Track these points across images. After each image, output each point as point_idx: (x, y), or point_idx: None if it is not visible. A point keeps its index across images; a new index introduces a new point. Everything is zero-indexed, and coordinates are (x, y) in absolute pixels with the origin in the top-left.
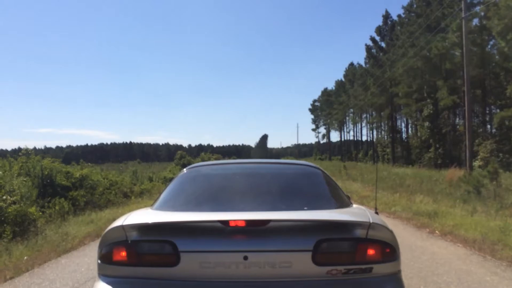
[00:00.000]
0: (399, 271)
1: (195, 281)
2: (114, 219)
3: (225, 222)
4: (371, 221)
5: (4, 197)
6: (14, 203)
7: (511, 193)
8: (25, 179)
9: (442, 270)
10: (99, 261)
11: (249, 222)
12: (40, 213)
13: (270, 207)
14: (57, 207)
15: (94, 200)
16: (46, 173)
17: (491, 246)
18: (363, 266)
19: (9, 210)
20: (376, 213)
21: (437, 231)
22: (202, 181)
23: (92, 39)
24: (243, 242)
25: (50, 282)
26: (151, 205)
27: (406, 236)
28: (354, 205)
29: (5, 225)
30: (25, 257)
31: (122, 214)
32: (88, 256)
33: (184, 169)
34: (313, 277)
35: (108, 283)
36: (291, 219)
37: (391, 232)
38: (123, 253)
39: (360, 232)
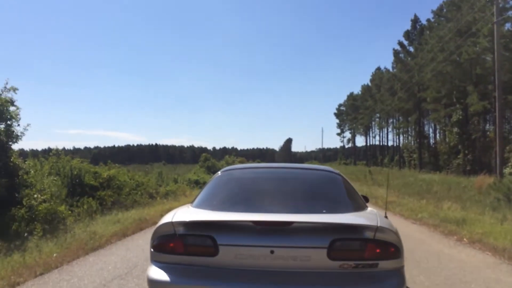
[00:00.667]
0: (402, 267)
1: (230, 269)
2: (140, 219)
3: (256, 222)
4: (378, 225)
5: (35, 196)
6: (44, 201)
7: None
8: (55, 179)
9: (470, 278)
10: (152, 250)
11: (276, 223)
12: (69, 212)
13: (294, 210)
14: (85, 206)
15: (120, 200)
16: (75, 173)
17: None
18: (370, 262)
19: (40, 208)
20: (386, 217)
21: (465, 239)
22: (235, 183)
23: (121, 44)
24: (271, 239)
25: (78, 279)
26: (191, 202)
27: (433, 243)
28: (368, 209)
29: (35, 222)
30: (55, 254)
31: (148, 214)
32: (115, 255)
33: (219, 172)
34: (327, 269)
35: (160, 267)
36: (311, 221)
37: (396, 234)
38: (172, 244)
39: (368, 234)
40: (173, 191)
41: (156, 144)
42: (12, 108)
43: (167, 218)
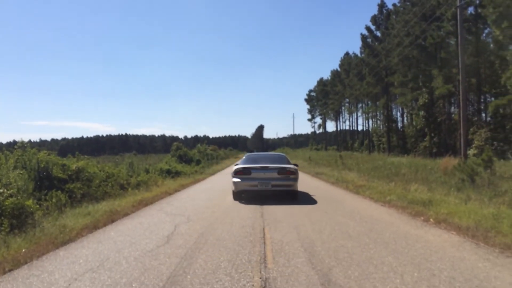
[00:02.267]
0: (297, 177)
1: (254, 178)
2: (111, 211)
3: (260, 166)
4: (291, 167)
5: (1, 190)
6: (11, 196)
7: (505, 181)
8: (21, 172)
9: (436, 257)
10: (233, 174)
11: (265, 167)
12: (37, 206)
13: (270, 163)
14: (54, 200)
15: (91, 192)
16: (42, 165)
17: (484, 233)
18: (288, 175)
19: (6, 203)
20: (296, 165)
21: (431, 219)
22: (251, 157)
23: (88, 31)
24: (264, 170)
25: (48, 274)
26: (238, 162)
27: (400, 225)
28: (292, 165)
29: (2, 218)
30: (23, 250)
31: (119, 206)
32: (86, 248)
33: (245, 156)
34: (277, 177)
35: (236, 178)
36: (274, 166)
37: (296, 169)
38: (239, 172)
39: (288, 169)
40: (144, 182)
41: (126, 134)
42: None
43: (237, 166)
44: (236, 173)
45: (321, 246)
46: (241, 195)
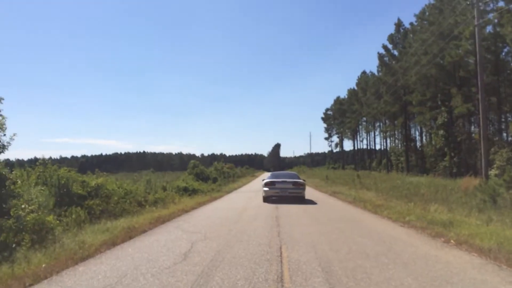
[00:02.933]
0: (305, 187)
1: (277, 188)
2: (129, 228)
3: (280, 180)
4: (301, 180)
5: (23, 206)
6: (32, 212)
7: None
8: (42, 188)
9: (457, 279)
10: (263, 184)
11: (284, 181)
12: (58, 222)
13: (287, 178)
14: (73, 216)
15: (109, 209)
16: (62, 182)
17: (507, 255)
18: (300, 186)
19: (28, 218)
20: (304, 180)
21: (452, 241)
22: (274, 174)
23: (108, 50)
24: (284, 183)
25: None
26: (265, 178)
27: (420, 245)
28: (301, 180)
29: (23, 233)
30: (44, 265)
31: (137, 222)
32: (104, 264)
33: (270, 173)
34: (292, 188)
35: (266, 187)
36: (290, 180)
37: (304, 182)
38: (268, 184)
39: (299, 181)
40: (162, 199)
41: (144, 152)
42: None
43: (266, 180)
44: (266, 185)
45: (338, 266)
46: (269, 199)
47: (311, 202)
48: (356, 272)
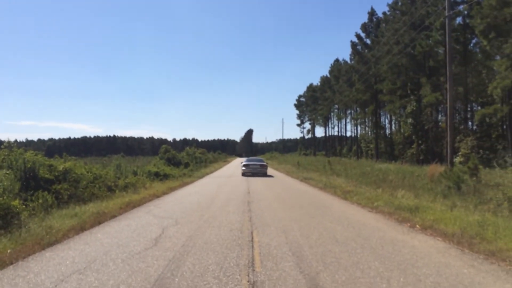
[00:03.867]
0: (267, 167)
1: (249, 167)
2: (98, 213)
3: (250, 164)
4: (265, 163)
5: None
6: None
7: (490, 189)
8: (7, 172)
9: (422, 263)
10: (242, 165)
11: (254, 163)
12: (24, 206)
13: (256, 162)
14: (40, 201)
15: (78, 194)
16: (28, 166)
17: (469, 240)
18: (265, 166)
19: None
20: (266, 163)
21: (417, 226)
22: (249, 159)
23: (76, 32)
24: (254, 165)
25: (35, 275)
26: (243, 161)
27: (387, 231)
28: (265, 163)
29: None
30: (9, 250)
31: (106, 207)
32: (72, 249)
33: (245, 159)
34: (260, 169)
35: (243, 167)
36: (258, 163)
37: (267, 164)
38: (244, 165)
39: (264, 164)
40: (132, 184)
41: (114, 136)
42: None
43: (243, 163)
44: (244, 166)
45: (308, 251)
46: (245, 174)
47: (282, 188)
48: (325, 257)
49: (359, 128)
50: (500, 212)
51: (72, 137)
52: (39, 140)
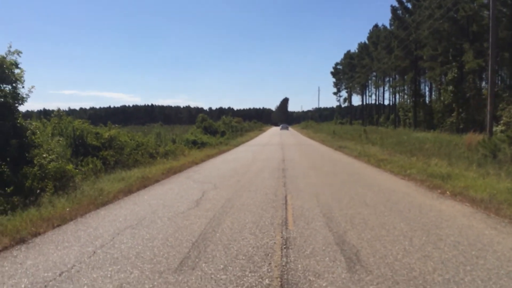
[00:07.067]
0: (289, 128)
1: (281, 127)
2: (143, 177)
3: (282, 125)
4: (289, 126)
5: (44, 155)
6: (52, 160)
7: None
8: (60, 139)
9: (446, 224)
10: (279, 127)
11: (283, 126)
12: (77, 171)
13: (286, 124)
14: (90, 166)
15: (122, 160)
16: (77, 133)
17: (497, 205)
18: (288, 128)
19: (49, 167)
20: (288, 126)
21: (448, 192)
22: (281, 125)
23: (115, 2)
24: (283, 127)
25: (93, 229)
26: (279, 125)
27: (417, 196)
28: (289, 126)
29: (46, 180)
30: (67, 209)
31: (150, 173)
32: (123, 209)
33: (280, 124)
34: (286, 128)
35: (278, 127)
36: (285, 126)
37: (289, 126)
38: (280, 127)
39: (288, 126)
40: (172, 151)
41: (152, 105)
42: (16, 71)
43: (280, 125)
44: (280, 127)
45: (338, 213)
46: (279, 130)
47: (316, 156)
48: (354, 218)
49: (397, 96)
50: None
51: (112, 106)
52: (81, 109)
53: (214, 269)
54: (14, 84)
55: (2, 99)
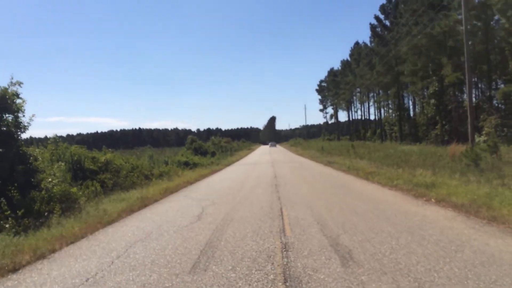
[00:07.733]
0: (276, 146)
1: (270, 146)
2: (142, 197)
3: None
4: (276, 144)
5: (49, 179)
6: (56, 184)
7: (510, 165)
8: (62, 164)
9: (429, 227)
10: (268, 145)
11: (272, 144)
12: (81, 193)
13: (274, 142)
14: (91, 188)
15: (119, 182)
16: (75, 158)
17: (476, 208)
18: (276, 145)
19: (54, 190)
20: (277, 144)
21: (432, 199)
22: (270, 143)
23: (98, 27)
24: (272, 144)
25: (106, 243)
26: (268, 143)
27: (403, 204)
28: (277, 144)
29: (52, 203)
30: (76, 228)
31: (148, 193)
32: (129, 226)
33: (270, 142)
34: (274, 145)
35: (268, 145)
36: (273, 143)
37: (276, 143)
38: (268, 145)
39: (275, 144)
40: (166, 172)
41: (139, 128)
42: (18, 101)
43: (269, 144)
44: (268, 145)
45: (331, 221)
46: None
47: (306, 171)
48: (345, 224)
49: (382, 111)
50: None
51: (99, 131)
52: (68, 135)
53: (224, 269)
54: (16, 114)
55: (5, 128)
